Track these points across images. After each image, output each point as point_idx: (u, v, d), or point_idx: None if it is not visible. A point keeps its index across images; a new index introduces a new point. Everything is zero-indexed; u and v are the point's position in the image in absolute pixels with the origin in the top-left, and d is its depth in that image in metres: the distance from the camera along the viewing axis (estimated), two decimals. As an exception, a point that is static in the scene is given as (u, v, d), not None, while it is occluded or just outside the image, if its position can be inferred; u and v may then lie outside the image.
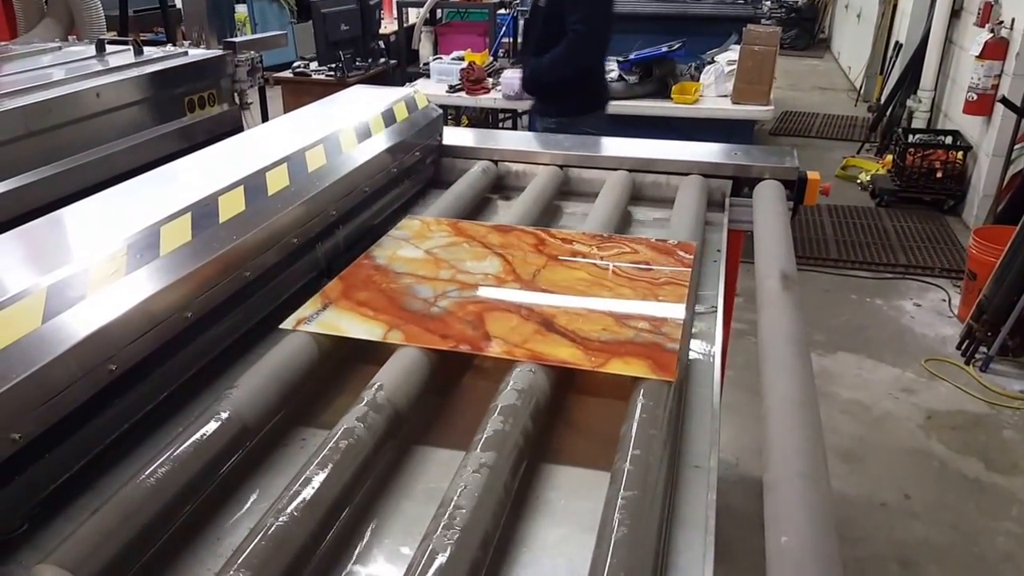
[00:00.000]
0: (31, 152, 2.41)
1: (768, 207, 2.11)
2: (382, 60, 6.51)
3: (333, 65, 6.02)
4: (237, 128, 3.26)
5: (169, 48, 3.41)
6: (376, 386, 1.27)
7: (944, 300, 4.98)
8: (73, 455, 1.16)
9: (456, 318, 1.50)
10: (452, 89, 5.66)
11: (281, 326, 1.47)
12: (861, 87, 10.17)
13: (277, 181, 1.72)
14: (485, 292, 1.61)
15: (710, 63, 5.61)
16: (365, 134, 2.11)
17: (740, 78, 5.21)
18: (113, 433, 1.24)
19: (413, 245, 1.83)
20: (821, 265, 5.44)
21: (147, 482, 1.04)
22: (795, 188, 2.29)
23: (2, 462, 1.03)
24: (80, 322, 1.16)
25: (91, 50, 3.24)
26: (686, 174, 2.32)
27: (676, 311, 1.53)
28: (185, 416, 1.33)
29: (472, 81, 5.56)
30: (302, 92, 5.92)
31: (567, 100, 4.02)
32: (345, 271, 1.69)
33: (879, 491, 3.36)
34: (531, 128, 2.19)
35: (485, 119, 6.71)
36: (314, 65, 6.30)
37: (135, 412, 1.28)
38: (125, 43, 3.30)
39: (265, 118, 3.94)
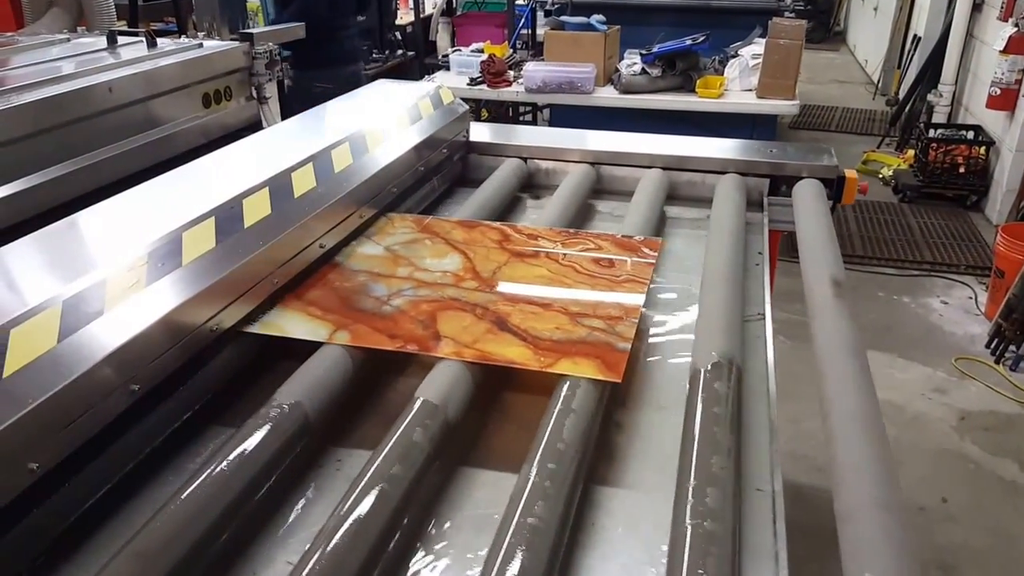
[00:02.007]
0: (40, 151, 2.30)
1: (810, 208, 2.01)
2: (399, 52, 6.41)
3: (350, 58, 5.92)
4: (255, 123, 3.17)
5: (183, 40, 3.30)
6: (417, 403, 1.18)
7: (971, 297, 4.90)
8: (93, 483, 1.07)
9: (408, 317, 1.44)
10: (473, 82, 5.54)
11: None
12: (879, 81, 10.04)
13: (304, 182, 1.63)
14: (440, 290, 1.54)
15: (734, 56, 5.47)
16: (390, 131, 2.02)
17: (765, 72, 5.07)
18: (137, 457, 1.15)
19: (374, 242, 1.76)
20: (848, 262, 5.32)
21: (175, 514, 0.96)
22: (835, 187, 2.20)
23: (20, 493, 0.94)
24: (99, 340, 1.07)
25: (102, 42, 3.14)
26: (722, 172, 2.23)
27: (632, 310, 1.48)
28: (212, 438, 1.25)
29: (493, 74, 5.44)
30: (321, 86, 5.81)
31: (305, 56, 4.50)
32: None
33: (917, 494, 3.29)
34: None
35: (505, 112, 6.60)
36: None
37: (159, 434, 1.20)
38: (136, 34, 3.20)
39: (284, 113, 3.84)
